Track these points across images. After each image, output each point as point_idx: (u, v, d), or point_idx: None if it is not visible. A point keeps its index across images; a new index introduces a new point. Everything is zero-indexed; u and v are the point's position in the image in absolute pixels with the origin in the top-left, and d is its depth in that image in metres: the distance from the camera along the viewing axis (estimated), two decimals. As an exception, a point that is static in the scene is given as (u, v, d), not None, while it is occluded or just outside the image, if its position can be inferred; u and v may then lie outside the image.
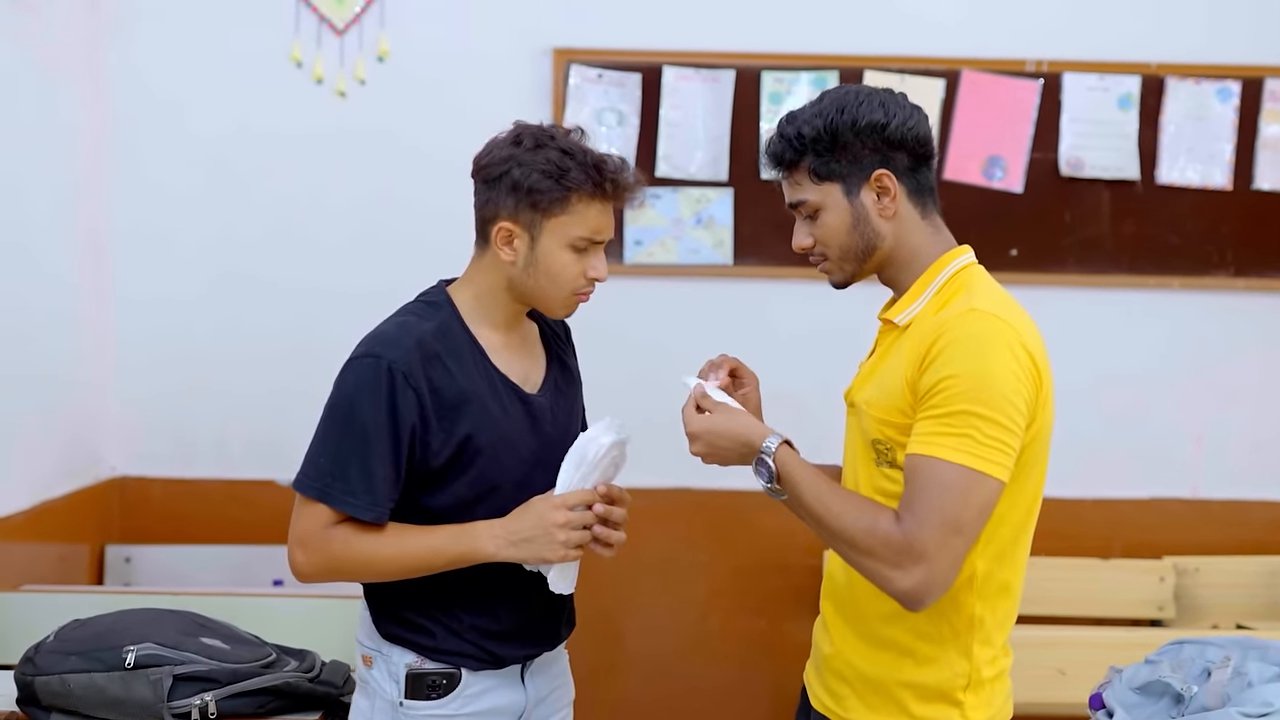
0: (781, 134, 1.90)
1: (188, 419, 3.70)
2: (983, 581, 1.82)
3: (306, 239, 3.69)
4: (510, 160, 1.94)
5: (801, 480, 1.81)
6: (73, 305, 3.52)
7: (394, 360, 1.91)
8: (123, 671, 2.11)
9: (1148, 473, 3.75)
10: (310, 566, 1.95)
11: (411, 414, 1.91)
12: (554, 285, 1.97)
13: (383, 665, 2.02)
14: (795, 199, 1.91)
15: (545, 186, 1.92)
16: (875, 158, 1.86)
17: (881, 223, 1.88)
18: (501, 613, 2.01)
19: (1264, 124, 3.69)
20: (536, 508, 1.94)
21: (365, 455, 1.90)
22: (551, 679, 2.13)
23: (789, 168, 1.90)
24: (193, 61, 3.66)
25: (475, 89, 3.66)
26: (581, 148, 1.95)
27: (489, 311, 2.02)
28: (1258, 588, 3.65)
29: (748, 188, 3.67)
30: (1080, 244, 3.71)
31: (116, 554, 3.58)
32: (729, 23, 3.68)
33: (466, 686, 2.01)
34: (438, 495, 1.97)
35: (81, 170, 3.56)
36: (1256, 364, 3.75)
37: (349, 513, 1.92)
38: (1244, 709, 1.93)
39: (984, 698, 1.85)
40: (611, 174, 1.95)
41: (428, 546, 1.94)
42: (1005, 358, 1.75)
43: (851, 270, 1.93)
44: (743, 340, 3.71)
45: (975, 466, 1.70)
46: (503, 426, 1.98)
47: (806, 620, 3.73)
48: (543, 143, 1.94)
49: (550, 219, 1.94)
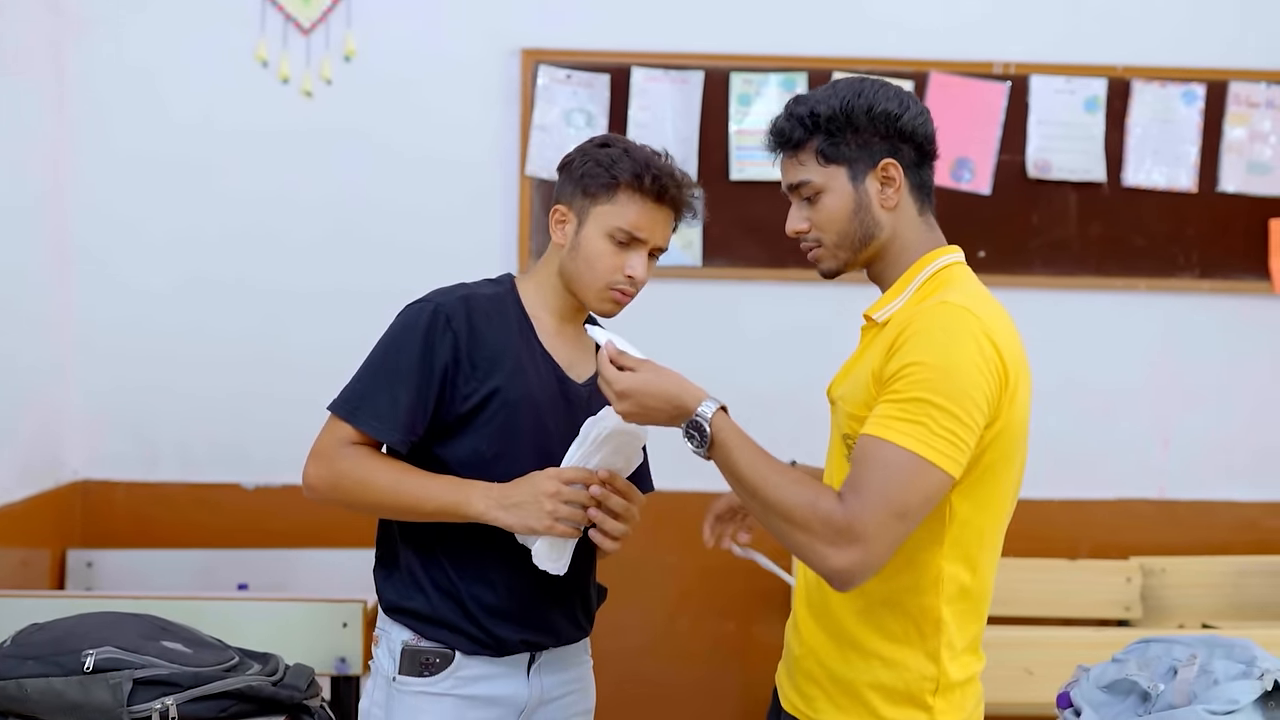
0: (791, 113, 1.87)
1: (151, 422, 3.67)
2: (948, 584, 1.80)
3: (273, 239, 3.66)
4: (578, 153, 2.09)
5: (737, 448, 1.78)
6: (35, 308, 3.48)
7: (439, 304, 2.02)
8: (81, 676, 2.08)
9: (1115, 474, 3.77)
10: (317, 478, 2.02)
11: (446, 353, 1.99)
12: (590, 272, 2.04)
13: (385, 643, 2.07)
14: (797, 179, 1.89)
15: (596, 173, 2.03)
16: (884, 146, 1.85)
17: (882, 213, 1.86)
18: (498, 586, 2.03)
19: (1228, 127, 3.72)
20: (533, 476, 1.97)
21: (395, 385, 1.99)
22: (566, 681, 2.14)
23: (795, 147, 1.87)
24: (157, 61, 3.63)
25: (443, 89, 3.64)
26: (643, 150, 2.05)
27: (547, 298, 2.10)
28: (1223, 588, 3.67)
29: (717, 189, 3.66)
30: (1048, 246, 3.73)
31: (78, 558, 3.53)
32: (698, 24, 3.68)
33: (460, 668, 2.03)
34: (454, 445, 2.02)
35: (45, 173, 3.52)
36: (1222, 365, 3.78)
37: (369, 433, 1.99)
38: (1210, 706, 1.93)
39: (954, 702, 1.84)
40: (656, 172, 2.02)
41: (422, 487, 1.98)
42: (970, 350, 1.73)
43: (845, 258, 1.89)
44: (712, 341, 3.73)
45: (925, 455, 1.68)
46: (534, 390, 2.03)
47: (775, 622, 3.75)
48: (611, 143, 2.08)
49: (596, 205, 2.03)
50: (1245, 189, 3.73)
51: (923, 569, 1.80)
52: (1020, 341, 1.83)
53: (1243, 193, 3.73)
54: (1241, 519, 3.77)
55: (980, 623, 1.88)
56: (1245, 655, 2.02)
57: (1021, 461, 1.86)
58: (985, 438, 1.76)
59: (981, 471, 1.78)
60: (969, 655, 1.87)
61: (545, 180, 3.66)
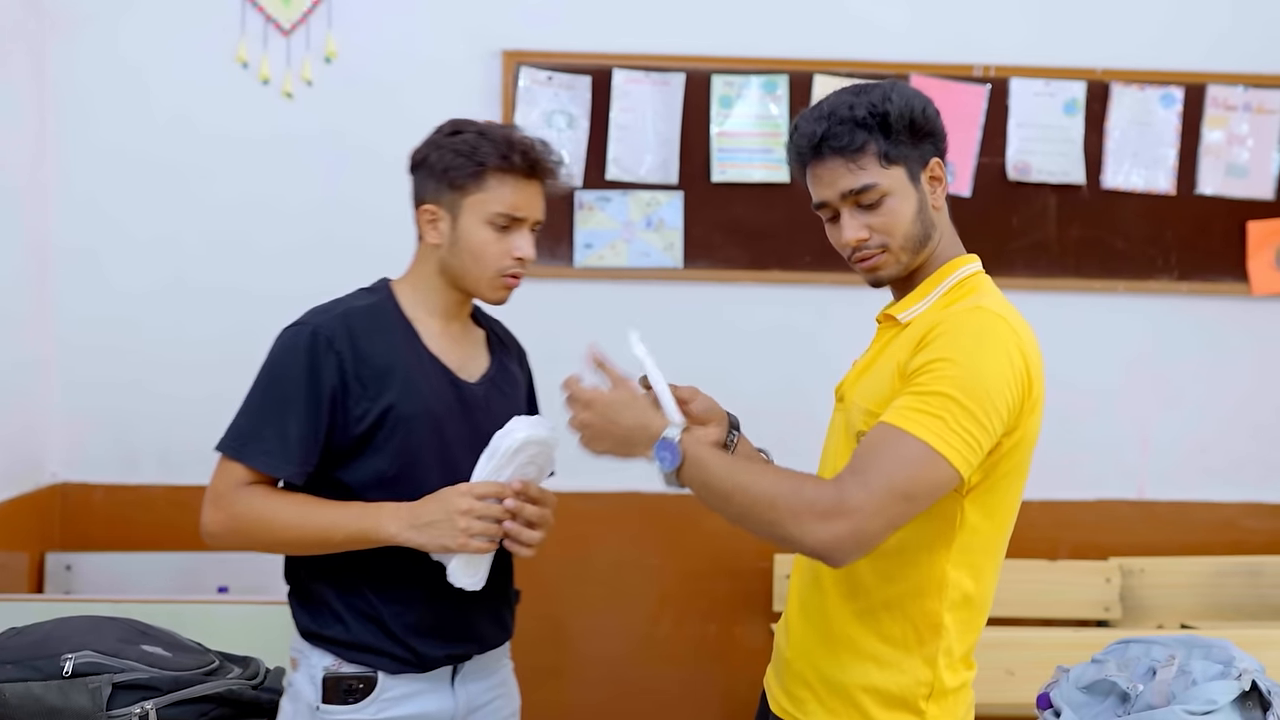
0: (841, 119, 1.79)
1: (130, 425, 3.65)
2: (952, 590, 1.79)
3: (253, 242, 3.65)
4: (430, 146, 2.02)
5: (709, 457, 1.74)
6: (13, 309, 3.45)
7: (319, 325, 1.96)
8: (60, 680, 2.07)
9: (1094, 475, 3.78)
10: (214, 524, 1.96)
11: (332, 377, 1.93)
12: (477, 264, 2.00)
13: (304, 668, 2.01)
14: (859, 184, 1.79)
15: (459, 164, 1.97)
16: (929, 146, 1.83)
17: (934, 214, 1.84)
18: (418, 603, 1.98)
19: (1206, 130, 3.74)
20: (444, 494, 1.92)
21: (283, 415, 1.93)
22: (490, 687, 2.10)
23: (854, 153, 1.78)
24: (138, 61, 3.61)
25: (424, 90, 3.63)
26: (499, 129, 2.01)
27: (427, 299, 2.05)
28: (1202, 588, 3.69)
29: (698, 191, 3.67)
30: (1027, 248, 3.74)
31: (57, 561, 3.51)
32: (679, 26, 3.68)
33: (384, 690, 1.97)
34: (355, 467, 1.96)
35: (23, 174, 3.49)
36: (1201, 367, 3.80)
37: (261, 469, 1.94)
38: (1188, 706, 1.94)
39: (947, 708, 1.83)
40: (523, 149, 1.98)
41: (329, 519, 1.93)
42: (1000, 357, 1.72)
43: (906, 262, 1.83)
44: (693, 343, 3.73)
45: (937, 448, 1.66)
46: (429, 402, 1.99)
47: (757, 624, 3.77)
48: (461, 129, 2.01)
49: (467, 196, 1.99)
50: (1223, 191, 3.75)
51: (928, 573, 1.78)
52: (1041, 355, 1.82)
53: (1221, 195, 3.75)
54: (1220, 519, 3.79)
55: (977, 633, 1.88)
56: (1223, 655, 2.03)
57: (1026, 476, 1.86)
58: (1003, 446, 1.75)
59: (996, 480, 1.77)
60: (964, 663, 1.86)
61: (527, 182, 3.65)
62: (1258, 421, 3.81)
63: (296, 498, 1.95)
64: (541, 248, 3.70)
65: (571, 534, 3.82)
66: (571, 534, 3.82)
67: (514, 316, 3.68)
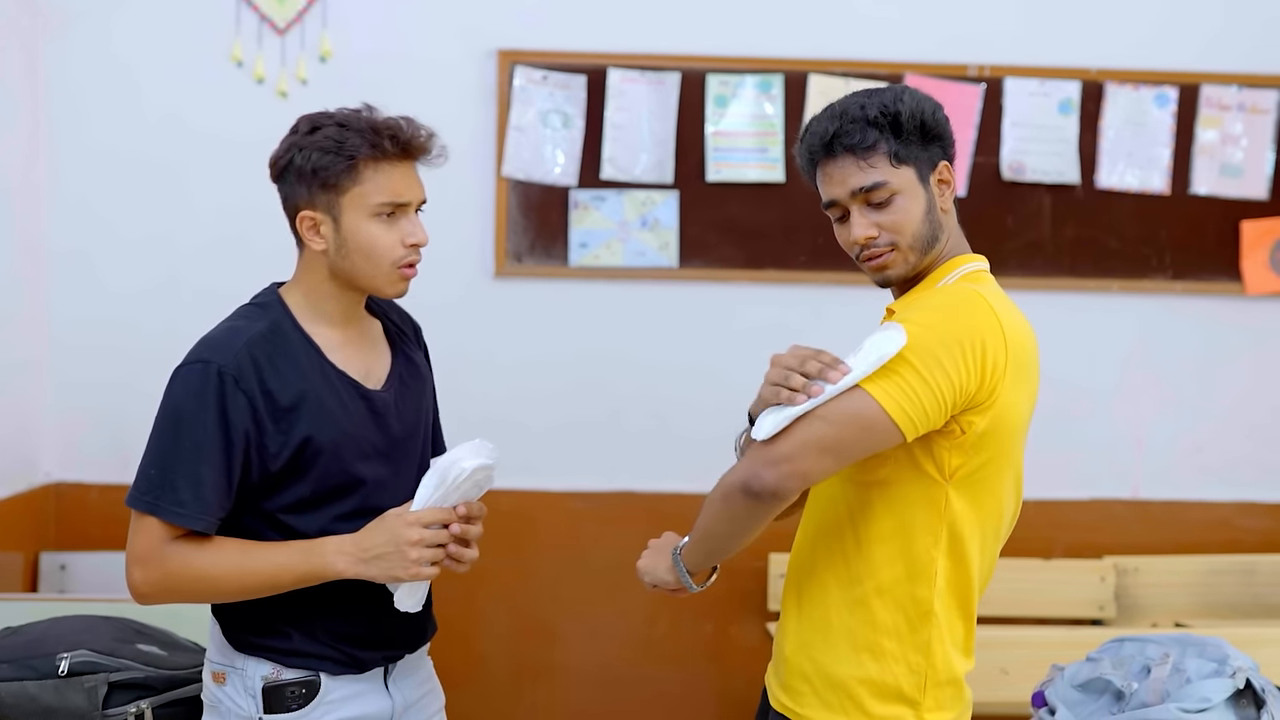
0: (854, 118, 1.82)
1: (125, 425, 3.63)
2: (940, 577, 1.82)
3: (247, 243, 3.63)
4: (291, 149, 1.91)
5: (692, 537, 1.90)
6: (7, 309, 3.45)
7: (224, 364, 1.86)
8: (56, 679, 2.07)
9: (1088, 474, 3.79)
10: (148, 585, 1.86)
11: (244, 419, 1.85)
12: (370, 262, 1.91)
13: (237, 680, 1.93)
14: (869, 182, 1.82)
15: (328, 162, 1.87)
16: (938, 149, 1.86)
17: (942, 215, 1.87)
18: (358, 618, 1.95)
19: (1200, 129, 3.74)
20: (389, 524, 1.87)
21: (195, 464, 1.83)
22: (418, 684, 2.08)
23: (865, 151, 1.81)
24: (132, 59, 3.61)
25: (419, 90, 3.62)
26: (359, 117, 1.91)
27: (321, 307, 1.96)
28: (1196, 587, 3.69)
29: (693, 190, 3.67)
30: (1022, 247, 3.74)
31: (51, 561, 3.51)
32: (674, 25, 3.68)
33: (328, 693, 1.93)
34: (278, 497, 1.90)
35: (17, 173, 3.49)
36: (1195, 366, 3.80)
37: (177, 524, 1.85)
38: (1183, 704, 1.95)
39: (942, 699, 1.85)
40: (391, 132, 1.89)
41: (273, 564, 1.86)
42: (962, 326, 1.74)
43: (914, 262, 1.86)
44: (688, 343, 3.74)
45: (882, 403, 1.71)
46: (343, 424, 1.92)
47: (753, 623, 3.77)
48: (319, 124, 1.91)
49: (345, 194, 1.89)
50: (1217, 191, 3.75)
51: (915, 559, 1.81)
52: (1035, 346, 1.86)
53: (1215, 195, 3.76)
54: (1214, 518, 3.79)
55: (971, 624, 1.89)
56: (1217, 654, 2.04)
57: (1018, 465, 1.87)
58: (975, 427, 1.77)
59: (978, 467, 1.79)
60: (958, 654, 1.88)
61: (522, 181, 3.65)
62: (1252, 421, 3.81)
63: (229, 545, 1.87)
64: (537, 247, 3.76)
65: (567, 534, 3.84)
66: (567, 534, 3.84)
67: (509, 315, 3.71)
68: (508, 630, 3.75)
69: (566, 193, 3.66)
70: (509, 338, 3.68)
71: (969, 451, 1.78)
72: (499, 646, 3.74)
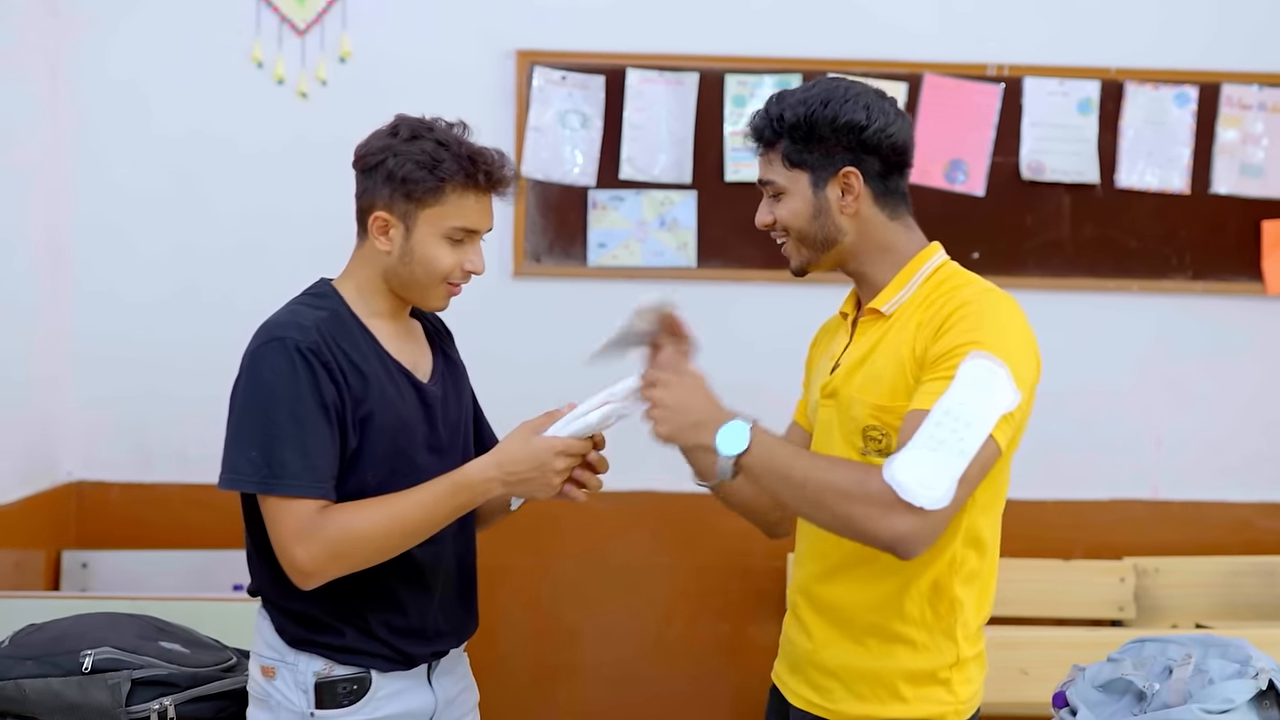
0: (767, 111, 1.92)
1: (146, 424, 3.66)
2: (960, 566, 1.86)
3: (267, 246, 3.65)
4: (386, 150, 1.94)
5: (779, 444, 1.81)
6: (30, 310, 3.47)
7: (299, 340, 1.88)
8: (80, 676, 2.08)
9: (1108, 475, 3.78)
10: (313, 562, 1.85)
11: (330, 390, 1.88)
12: (428, 275, 1.96)
13: (288, 675, 1.95)
14: (765, 177, 1.95)
15: (419, 177, 1.91)
16: (847, 156, 1.89)
17: (843, 219, 1.91)
18: (409, 607, 1.98)
19: (1221, 129, 3.73)
20: (536, 449, 1.91)
21: (300, 435, 1.85)
22: (457, 680, 2.11)
23: (767, 145, 1.93)
24: (152, 61, 3.63)
25: (438, 90, 3.63)
26: (458, 139, 1.94)
27: (372, 302, 2.00)
28: (1216, 588, 3.68)
29: (711, 190, 3.67)
30: (1041, 247, 3.74)
31: (73, 559, 3.53)
32: (693, 25, 3.68)
33: (378, 690, 1.96)
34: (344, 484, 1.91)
35: (41, 174, 3.51)
36: (1215, 366, 3.79)
37: (300, 495, 1.85)
38: (1205, 705, 1.94)
39: (967, 674, 1.90)
40: (485, 166, 1.94)
41: (424, 505, 1.89)
42: (1025, 334, 1.81)
43: (808, 256, 1.95)
44: (705, 343, 3.71)
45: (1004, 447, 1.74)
46: (400, 410, 1.96)
47: (770, 623, 3.75)
48: (419, 134, 1.94)
49: (425, 209, 1.93)
50: (1238, 191, 3.74)
51: (939, 550, 1.83)
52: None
53: (1235, 194, 3.74)
54: (1234, 519, 3.78)
55: (989, 606, 1.94)
56: (1240, 655, 2.03)
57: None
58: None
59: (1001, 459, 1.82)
60: (977, 633, 1.93)
61: (541, 181, 3.66)
62: (1272, 421, 3.80)
63: (372, 503, 1.89)
64: (555, 247, 3.77)
65: (584, 533, 3.84)
66: (584, 533, 3.84)
67: (528, 314, 3.71)
68: (528, 629, 3.76)
69: (585, 193, 3.67)
70: (527, 337, 3.69)
71: None
72: (519, 645, 3.75)
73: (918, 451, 1.69)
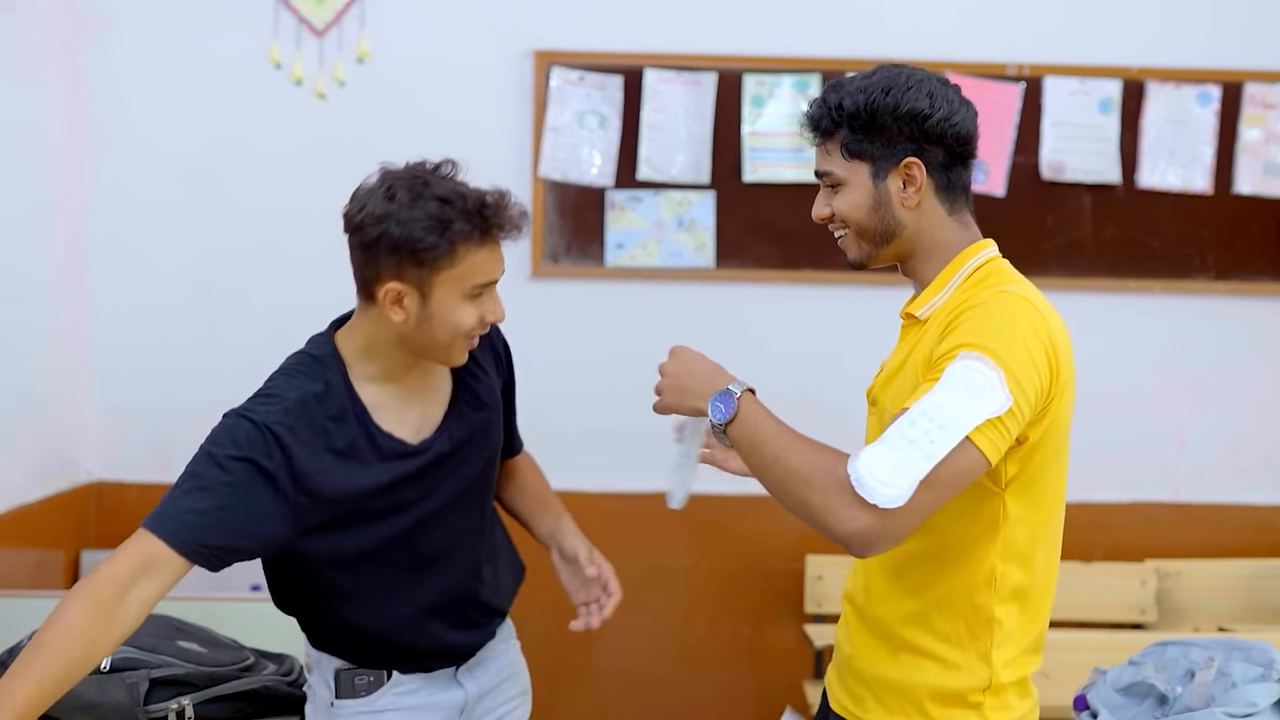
0: (824, 100, 1.84)
1: (165, 425, 3.67)
2: (1001, 583, 1.78)
3: (284, 248, 3.66)
4: (387, 218, 1.81)
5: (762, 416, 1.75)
6: (50, 313, 3.48)
7: (269, 420, 1.84)
8: (98, 675, 2.08)
9: (1130, 477, 3.76)
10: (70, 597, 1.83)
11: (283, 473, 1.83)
12: (452, 336, 1.87)
13: (319, 671, 2.05)
14: (822, 168, 1.87)
15: (431, 242, 1.80)
16: (909, 146, 1.81)
17: (903, 211, 1.84)
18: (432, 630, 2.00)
19: (1244, 128, 3.70)
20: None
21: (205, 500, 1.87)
22: (498, 671, 2.12)
23: (824, 135, 1.85)
24: (171, 63, 3.64)
25: (456, 90, 3.65)
26: (459, 191, 1.84)
27: (378, 363, 1.92)
28: (1239, 590, 3.65)
29: (729, 190, 3.66)
30: (1062, 247, 3.72)
31: (92, 559, 3.54)
32: (711, 25, 3.67)
33: (398, 684, 2.01)
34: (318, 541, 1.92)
35: (59, 176, 3.52)
36: (1237, 367, 3.76)
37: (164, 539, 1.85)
38: (1228, 709, 1.92)
39: (1004, 701, 1.81)
40: (495, 216, 1.84)
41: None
42: (1026, 339, 1.70)
43: (868, 250, 1.88)
44: (723, 343, 3.70)
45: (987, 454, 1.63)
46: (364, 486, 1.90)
47: (790, 625, 3.76)
48: (418, 193, 1.82)
49: (440, 273, 1.82)
50: (1261, 190, 3.71)
51: (975, 568, 1.77)
52: (1069, 339, 1.81)
53: (1259, 194, 3.71)
54: (1257, 521, 3.75)
55: (1041, 624, 1.85)
56: (1264, 658, 2.02)
57: (1066, 460, 1.84)
58: (1034, 434, 1.73)
59: (1034, 470, 1.76)
60: (1026, 656, 1.84)
61: (558, 182, 3.66)
62: (1296, 423, 3.77)
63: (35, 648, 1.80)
64: (573, 248, 3.76)
65: (603, 535, 3.82)
66: (603, 535, 3.82)
67: (545, 318, 3.70)
68: (546, 631, 3.75)
69: (603, 193, 3.66)
70: (545, 338, 3.68)
71: (1025, 458, 1.75)
72: (538, 647, 3.72)
73: (885, 448, 1.61)
